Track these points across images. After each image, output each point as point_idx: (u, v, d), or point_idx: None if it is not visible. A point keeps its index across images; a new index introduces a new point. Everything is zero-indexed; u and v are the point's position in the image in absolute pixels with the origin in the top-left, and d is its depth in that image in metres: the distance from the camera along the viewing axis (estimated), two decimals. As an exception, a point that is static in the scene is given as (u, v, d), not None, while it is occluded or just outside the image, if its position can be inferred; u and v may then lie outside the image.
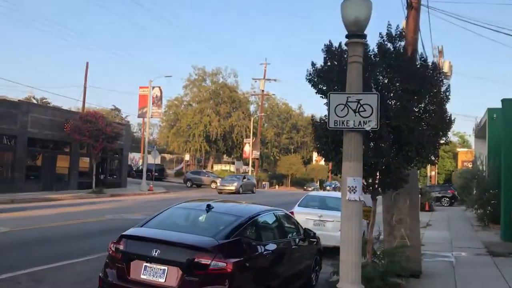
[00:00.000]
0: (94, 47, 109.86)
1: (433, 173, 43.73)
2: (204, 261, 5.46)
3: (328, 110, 6.11)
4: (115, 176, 36.62)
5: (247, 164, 62.71)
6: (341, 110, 6.03)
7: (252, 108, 71.21)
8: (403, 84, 7.06)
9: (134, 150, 72.27)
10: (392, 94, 7.15)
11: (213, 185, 47.10)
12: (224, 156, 76.03)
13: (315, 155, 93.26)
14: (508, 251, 12.19)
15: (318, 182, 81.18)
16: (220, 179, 48.63)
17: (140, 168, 52.73)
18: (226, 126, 59.87)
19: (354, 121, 5.96)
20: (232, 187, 39.00)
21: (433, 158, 7.73)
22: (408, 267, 8.01)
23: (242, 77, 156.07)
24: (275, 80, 60.60)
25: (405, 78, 7.07)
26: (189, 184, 47.70)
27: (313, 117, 7.76)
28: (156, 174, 53.41)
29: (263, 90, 60.40)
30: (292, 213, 12.52)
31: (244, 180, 41.77)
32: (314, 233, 8.82)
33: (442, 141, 7.67)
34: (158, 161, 68.14)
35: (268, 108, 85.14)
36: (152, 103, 38.09)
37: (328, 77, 7.32)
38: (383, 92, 7.11)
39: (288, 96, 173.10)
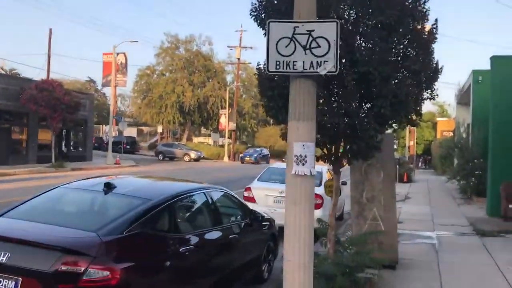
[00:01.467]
0: (66, 14, 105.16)
1: (411, 143, 42.42)
2: (75, 268, 3.64)
3: (268, 46, 4.22)
4: (80, 149, 34.43)
5: (223, 136, 60.77)
6: (286, 47, 4.16)
7: (229, 78, 68.80)
8: (375, 16, 5.19)
9: (107, 122, 69.63)
10: (360, 30, 5.28)
11: (186, 158, 45.24)
12: (202, 128, 73.79)
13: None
14: (496, 229, 10.67)
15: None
16: (194, 151, 46.78)
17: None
18: (201, 97, 57.54)
19: (303, 62, 4.11)
20: (252, 158, 47.27)
21: (414, 118, 5.97)
22: (381, 258, 6.31)
23: (218, 45, 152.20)
24: (251, 48, 58.18)
25: (378, 8, 5.19)
26: (161, 157, 45.66)
27: (259, 65, 5.81)
28: (128, 147, 51.42)
29: (239, 59, 57.96)
30: (249, 188, 10.84)
31: (262, 152, 51.59)
32: (264, 216, 7.03)
33: (426, 95, 5.88)
34: (132, 133, 65.97)
35: (246, 78, 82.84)
36: (117, 71, 35.57)
37: (277, 8, 5.42)
38: (348, 27, 5.25)
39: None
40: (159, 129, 57.92)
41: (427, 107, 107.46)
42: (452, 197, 17.59)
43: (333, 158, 5.86)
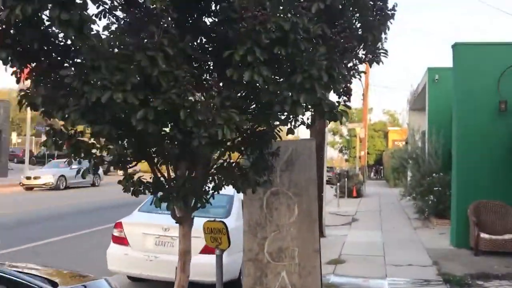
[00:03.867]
0: None
1: (362, 153, 40.19)
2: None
3: None
4: (-9, 164, 29.96)
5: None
6: None
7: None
8: None
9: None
10: None
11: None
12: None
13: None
14: (470, 271, 7.78)
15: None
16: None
17: (40, 153, 45.69)
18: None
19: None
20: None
21: (336, 103, 2.95)
22: None
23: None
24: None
25: None
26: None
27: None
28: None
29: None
30: (119, 225, 7.47)
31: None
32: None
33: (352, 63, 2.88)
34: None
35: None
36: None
37: None
38: None
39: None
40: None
41: (378, 116, 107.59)
42: (407, 218, 14.81)
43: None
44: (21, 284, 3.30)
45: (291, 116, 3.27)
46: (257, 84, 2.73)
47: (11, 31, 2.75)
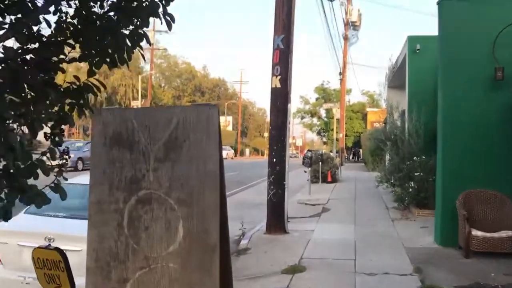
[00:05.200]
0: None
1: (340, 135, 38.62)
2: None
3: None
4: None
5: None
6: None
7: (148, 68, 62.43)
8: None
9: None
10: None
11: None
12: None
13: (222, 119, 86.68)
14: (460, 283, 6.10)
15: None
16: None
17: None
18: (109, 86, 50.88)
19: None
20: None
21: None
22: None
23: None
24: (166, 32, 51.91)
25: None
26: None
27: None
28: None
29: (152, 44, 51.74)
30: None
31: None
32: None
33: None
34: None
35: (167, 68, 76.66)
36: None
37: None
38: None
39: (192, 57, 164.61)
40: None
41: (357, 97, 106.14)
42: (384, 207, 13.14)
43: None
44: None
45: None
46: None
47: None
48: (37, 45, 2.12)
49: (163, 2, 2.29)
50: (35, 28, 2.06)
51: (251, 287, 6.21)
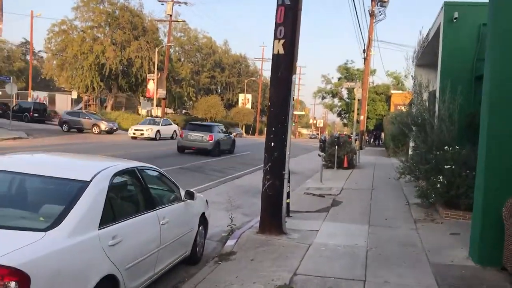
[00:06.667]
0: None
1: (362, 117, 36.43)
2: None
3: None
4: None
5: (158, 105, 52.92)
6: None
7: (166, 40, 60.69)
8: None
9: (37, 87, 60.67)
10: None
11: (95, 130, 37.59)
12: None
13: (241, 97, 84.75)
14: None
15: (243, 128, 73.34)
16: (105, 122, 38.94)
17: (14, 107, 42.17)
18: (124, 58, 49.40)
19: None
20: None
21: None
22: None
23: (152, 2, 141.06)
24: (185, 3, 49.81)
25: None
26: (65, 127, 37.60)
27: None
28: (36, 115, 43.47)
29: (170, 15, 49.77)
30: None
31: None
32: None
33: None
34: (48, 99, 57.15)
35: (186, 41, 74.78)
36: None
37: None
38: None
39: (212, 30, 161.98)
40: (73, 95, 49.23)
41: (381, 78, 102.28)
42: (405, 203, 11.26)
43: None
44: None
45: None
46: None
47: None
48: None
49: None
50: None
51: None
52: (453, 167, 9.27)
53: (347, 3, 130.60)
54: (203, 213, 6.79)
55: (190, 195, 6.00)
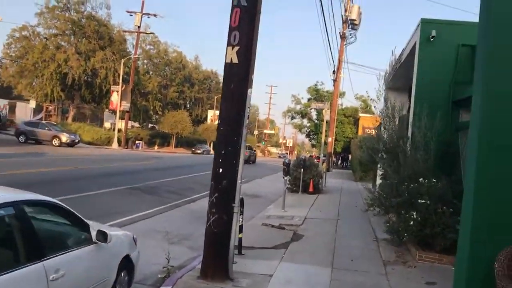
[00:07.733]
0: None
1: (330, 139, 35.67)
2: None
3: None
4: None
5: (122, 118, 50.91)
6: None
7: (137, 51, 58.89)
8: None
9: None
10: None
11: (55, 142, 35.45)
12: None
13: (210, 113, 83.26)
14: None
15: (211, 144, 71.86)
16: (66, 134, 36.81)
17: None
18: (88, 68, 47.48)
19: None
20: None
21: None
22: None
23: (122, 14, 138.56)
24: (155, 15, 48.48)
25: None
26: (22, 139, 35.26)
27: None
28: (-13, 124, 41.13)
29: (139, 26, 48.32)
30: None
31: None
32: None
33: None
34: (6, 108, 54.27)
35: (155, 54, 73.22)
36: None
37: None
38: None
39: (182, 45, 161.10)
40: (31, 103, 46.78)
41: (350, 101, 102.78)
42: (373, 238, 10.12)
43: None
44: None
45: None
46: None
47: None
48: None
49: None
50: None
51: None
52: (428, 202, 8.19)
53: (318, 24, 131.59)
54: (127, 255, 5.42)
55: (103, 236, 4.63)
